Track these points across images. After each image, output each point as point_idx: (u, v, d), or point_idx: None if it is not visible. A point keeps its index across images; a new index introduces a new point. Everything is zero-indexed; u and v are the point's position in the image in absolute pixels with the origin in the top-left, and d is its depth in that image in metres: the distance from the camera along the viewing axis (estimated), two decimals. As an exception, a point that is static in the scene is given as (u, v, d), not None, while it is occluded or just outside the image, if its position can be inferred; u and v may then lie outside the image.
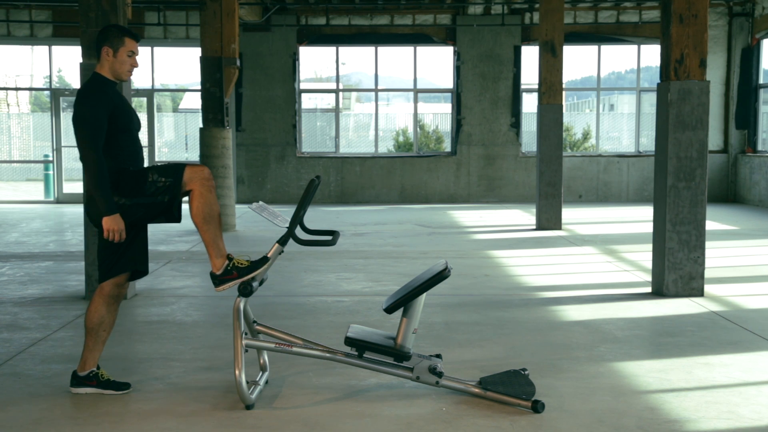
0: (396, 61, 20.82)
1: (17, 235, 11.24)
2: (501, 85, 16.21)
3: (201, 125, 11.65)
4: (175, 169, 4.08)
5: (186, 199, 4.13)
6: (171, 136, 22.37)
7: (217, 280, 4.06)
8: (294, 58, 16.22)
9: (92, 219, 4.17)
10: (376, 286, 7.32)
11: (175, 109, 28.14)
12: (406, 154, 16.95)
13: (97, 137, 4.03)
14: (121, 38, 4.21)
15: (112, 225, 4.02)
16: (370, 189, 16.36)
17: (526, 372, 4.07)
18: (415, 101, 16.86)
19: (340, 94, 17.36)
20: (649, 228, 7.31)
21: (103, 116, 4.06)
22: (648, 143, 16.89)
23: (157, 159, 17.07)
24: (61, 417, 3.89)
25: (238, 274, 4.02)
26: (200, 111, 11.86)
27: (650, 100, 16.73)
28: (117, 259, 4.16)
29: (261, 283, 4.12)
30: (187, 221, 4.78)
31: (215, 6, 11.25)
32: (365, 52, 17.03)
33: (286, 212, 4.33)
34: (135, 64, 4.28)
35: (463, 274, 7.75)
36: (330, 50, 16.75)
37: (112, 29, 4.27)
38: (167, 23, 16.13)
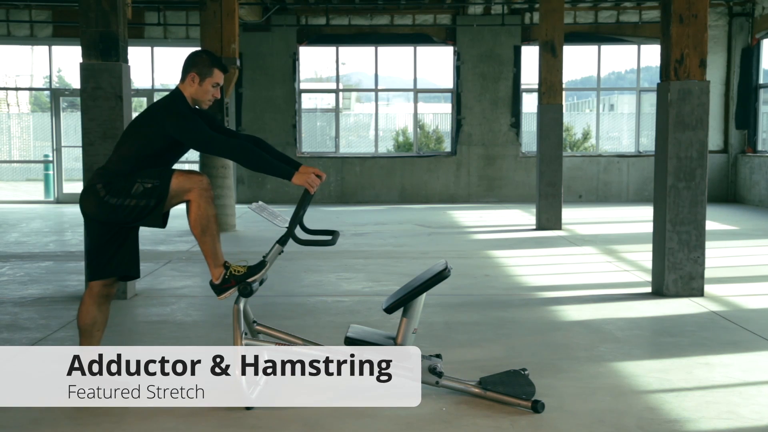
0: (396, 61, 20.78)
1: (17, 235, 11.24)
2: (501, 85, 16.21)
3: (201, 125, 11.63)
4: (163, 172, 3.99)
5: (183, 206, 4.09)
6: (171, 136, 22.33)
7: (218, 289, 4.09)
8: (294, 58, 16.23)
9: (84, 212, 4.10)
10: (376, 286, 7.32)
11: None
12: (406, 154, 16.95)
13: (205, 130, 3.97)
14: (211, 69, 4.14)
15: (304, 181, 4.05)
16: (370, 189, 16.36)
17: (526, 372, 4.07)
18: (415, 101, 16.86)
19: (340, 94, 17.36)
20: (649, 228, 7.31)
21: (194, 115, 4.05)
22: (648, 143, 16.89)
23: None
24: (61, 417, 3.90)
25: (235, 282, 4.04)
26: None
27: (650, 100, 16.72)
28: (106, 262, 4.10)
29: (261, 283, 4.13)
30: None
31: (215, 6, 11.24)
32: (365, 52, 17.03)
33: (286, 212, 4.33)
34: (217, 95, 4.22)
35: (463, 274, 7.74)
36: (330, 50, 16.75)
37: (203, 57, 4.18)
38: (167, 23, 16.13)
